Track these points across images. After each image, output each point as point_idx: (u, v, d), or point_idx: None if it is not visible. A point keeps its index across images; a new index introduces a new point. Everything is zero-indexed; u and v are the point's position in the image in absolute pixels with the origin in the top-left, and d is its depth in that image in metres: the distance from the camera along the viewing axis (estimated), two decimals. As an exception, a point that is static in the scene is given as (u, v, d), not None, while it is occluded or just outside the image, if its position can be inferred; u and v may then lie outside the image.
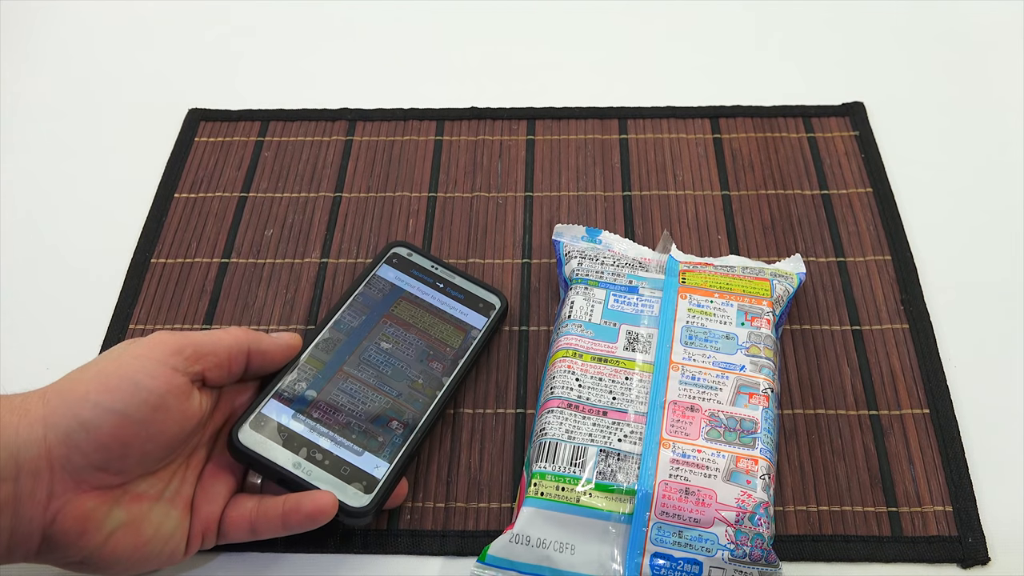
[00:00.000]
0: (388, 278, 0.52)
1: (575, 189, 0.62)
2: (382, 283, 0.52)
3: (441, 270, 0.53)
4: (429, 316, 0.51)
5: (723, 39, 0.73)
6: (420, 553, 0.47)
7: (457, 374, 0.49)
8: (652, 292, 0.52)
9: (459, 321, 0.51)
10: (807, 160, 0.63)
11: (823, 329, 0.55)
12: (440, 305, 0.52)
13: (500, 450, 0.50)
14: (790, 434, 0.51)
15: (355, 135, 0.66)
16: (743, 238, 0.59)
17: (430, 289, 0.52)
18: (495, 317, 0.52)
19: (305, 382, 0.47)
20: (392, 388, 0.48)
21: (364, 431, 0.46)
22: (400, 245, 0.54)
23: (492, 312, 0.53)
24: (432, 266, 0.53)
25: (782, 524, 0.47)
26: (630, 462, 0.45)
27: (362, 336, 0.50)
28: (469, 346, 0.51)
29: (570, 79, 0.70)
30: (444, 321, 0.51)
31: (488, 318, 0.52)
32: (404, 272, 0.53)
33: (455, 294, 0.52)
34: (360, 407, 0.47)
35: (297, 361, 0.48)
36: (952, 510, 0.48)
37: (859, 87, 0.68)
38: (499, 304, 0.53)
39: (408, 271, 0.53)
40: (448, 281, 0.53)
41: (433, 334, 0.51)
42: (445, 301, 0.52)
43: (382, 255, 0.54)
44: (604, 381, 0.48)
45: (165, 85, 0.70)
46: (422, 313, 0.51)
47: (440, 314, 0.51)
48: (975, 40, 0.71)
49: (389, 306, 0.51)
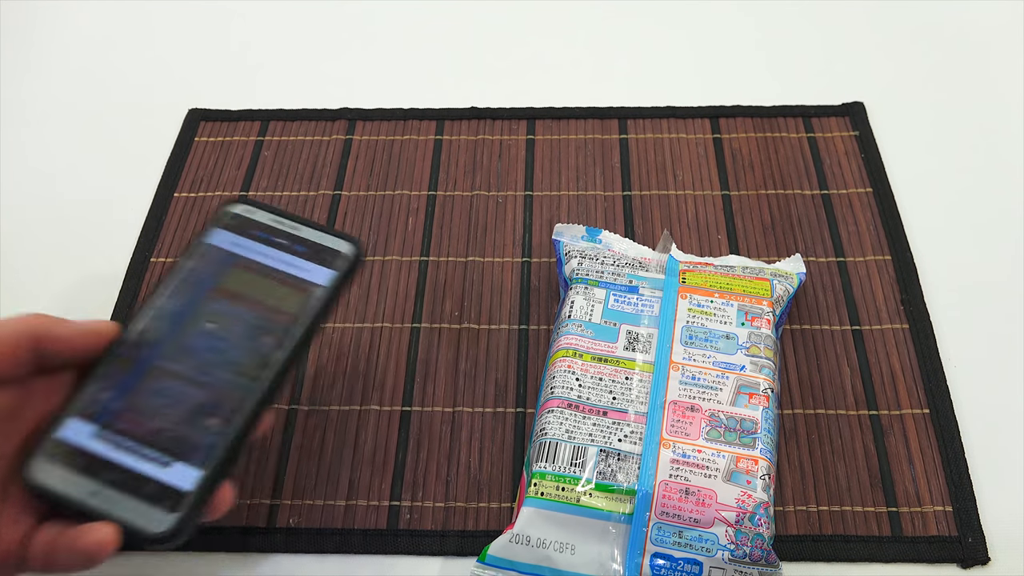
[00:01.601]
0: (221, 244, 0.44)
1: (575, 189, 0.62)
2: (213, 252, 0.44)
3: (284, 222, 0.44)
4: (265, 281, 0.43)
5: (723, 39, 0.73)
6: (420, 553, 0.47)
7: (293, 345, 0.41)
8: (652, 292, 0.52)
9: (299, 280, 0.43)
10: (807, 160, 0.63)
11: (823, 329, 0.55)
12: (278, 265, 0.43)
13: (500, 450, 0.50)
14: (790, 434, 0.51)
15: (355, 134, 0.66)
16: (743, 238, 0.59)
17: (269, 248, 0.44)
18: (344, 268, 0.43)
19: (110, 389, 0.40)
20: (213, 377, 0.40)
21: (175, 437, 0.39)
22: (240, 202, 0.45)
23: (340, 262, 0.43)
24: (274, 220, 0.45)
25: (782, 524, 0.47)
26: (630, 462, 0.45)
27: (182, 321, 0.42)
28: (311, 308, 0.42)
29: (570, 79, 0.70)
30: (282, 284, 0.43)
31: (335, 271, 0.43)
32: (241, 234, 0.44)
33: (299, 248, 0.44)
34: (173, 408, 0.40)
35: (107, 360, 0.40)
36: (952, 510, 0.48)
37: (859, 87, 0.68)
38: (350, 252, 0.44)
39: (246, 232, 0.44)
40: (290, 235, 0.44)
41: (268, 302, 0.42)
42: (285, 260, 0.43)
43: (213, 218, 0.45)
44: (604, 381, 0.48)
45: (165, 85, 0.70)
46: (257, 280, 0.43)
47: (278, 276, 0.43)
48: (975, 40, 0.71)
49: (218, 278, 0.43)
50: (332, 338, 0.55)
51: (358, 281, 0.58)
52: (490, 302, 0.56)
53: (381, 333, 0.55)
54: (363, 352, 0.54)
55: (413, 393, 0.53)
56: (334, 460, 0.50)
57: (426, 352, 0.54)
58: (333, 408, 0.52)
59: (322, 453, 0.51)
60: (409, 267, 0.58)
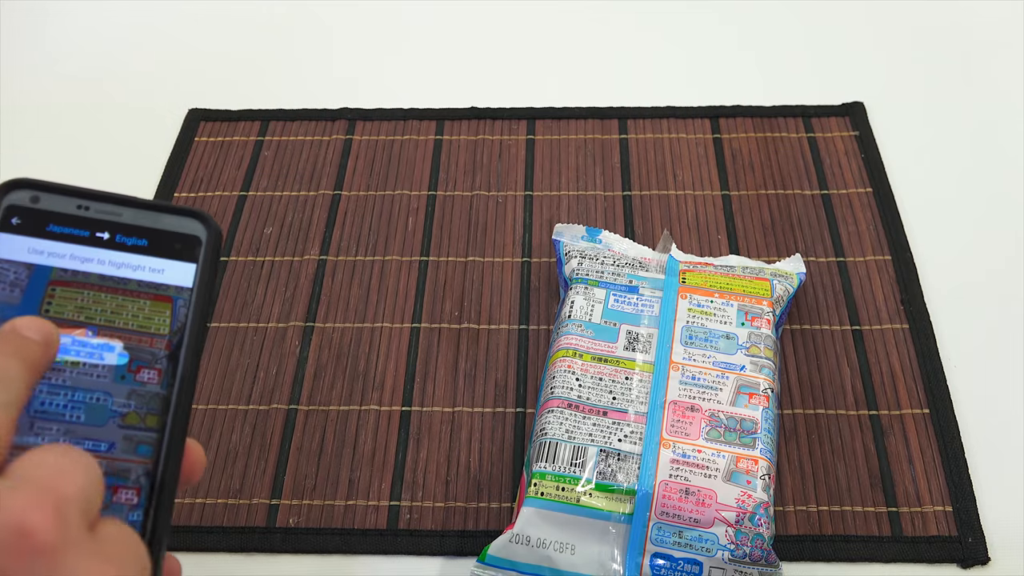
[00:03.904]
0: (16, 256, 0.30)
1: (575, 189, 0.62)
2: (10, 269, 0.30)
3: (97, 208, 0.31)
4: (107, 297, 0.31)
5: (723, 39, 0.73)
6: (420, 553, 0.47)
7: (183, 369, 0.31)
8: (652, 292, 0.52)
9: (155, 286, 0.31)
10: (807, 160, 0.63)
11: (823, 329, 0.55)
12: (117, 272, 0.31)
13: (500, 450, 0.50)
14: (790, 434, 0.50)
15: (355, 134, 0.66)
16: (743, 238, 0.59)
17: (91, 248, 0.31)
18: (205, 255, 0.32)
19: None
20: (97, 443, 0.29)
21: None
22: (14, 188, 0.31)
23: (198, 249, 0.32)
24: (81, 207, 0.31)
25: (782, 524, 0.47)
26: (630, 462, 0.45)
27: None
28: (184, 320, 0.31)
29: (570, 79, 0.70)
30: (132, 296, 0.31)
31: (195, 262, 0.32)
32: (38, 235, 0.31)
33: (133, 242, 0.32)
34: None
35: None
36: (952, 510, 0.48)
37: (859, 87, 0.68)
38: (203, 233, 0.32)
39: (43, 230, 0.31)
40: (115, 224, 0.31)
41: (123, 325, 0.31)
42: (123, 261, 0.31)
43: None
44: (604, 381, 0.48)
45: (165, 85, 0.70)
46: (95, 296, 0.31)
47: (122, 287, 0.31)
48: (975, 40, 0.71)
49: (38, 306, 0.30)
50: (332, 338, 0.55)
51: (358, 281, 0.58)
52: (490, 302, 0.56)
53: (381, 333, 0.55)
54: (363, 352, 0.54)
55: (413, 393, 0.53)
56: (334, 460, 0.50)
57: (426, 352, 0.54)
58: (333, 408, 0.52)
59: (322, 453, 0.51)
60: (409, 267, 0.58)
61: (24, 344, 0.27)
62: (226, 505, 0.49)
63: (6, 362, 0.27)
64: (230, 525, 0.48)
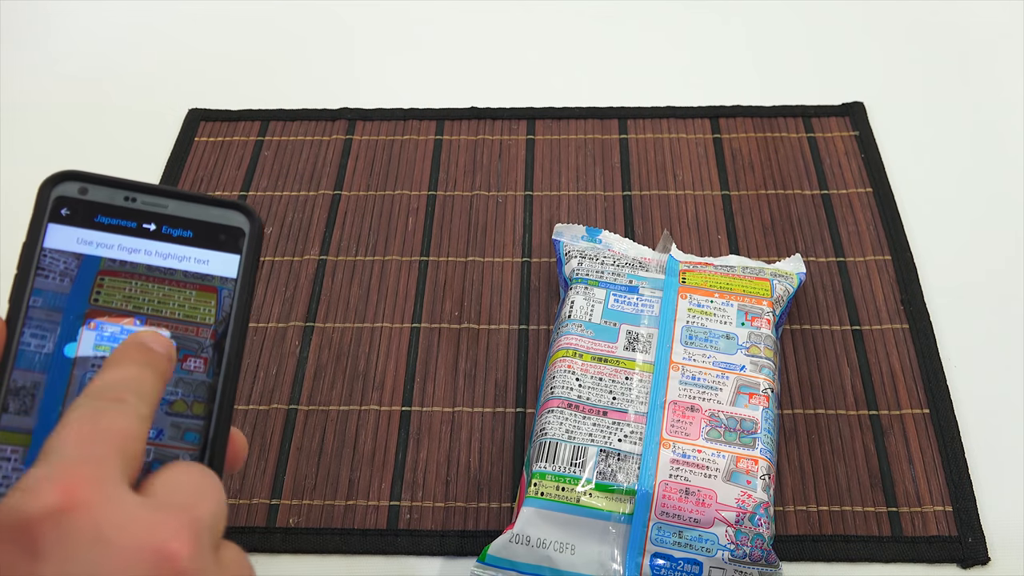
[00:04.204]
0: (66, 247, 0.31)
1: (575, 189, 0.62)
2: (60, 259, 0.31)
3: (143, 200, 0.32)
4: (154, 287, 0.32)
5: (723, 39, 0.73)
6: (420, 553, 0.47)
7: (228, 358, 0.32)
8: (652, 292, 0.52)
9: (201, 276, 0.32)
10: (807, 160, 0.63)
11: (823, 329, 0.55)
12: (164, 262, 0.32)
13: (500, 450, 0.50)
14: (790, 434, 0.50)
15: (355, 134, 0.66)
16: (743, 238, 0.59)
17: (139, 239, 0.32)
18: (248, 246, 0.33)
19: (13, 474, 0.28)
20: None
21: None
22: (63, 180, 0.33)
23: (241, 241, 0.33)
24: (128, 198, 0.32)
25: (782, 524, 0.47)
26: (630, 462, 0.45)
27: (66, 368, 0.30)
28: (228, 310, 0.32)
29: (570, 79, 0.70)
30: (178, 286, 0.32)
31: (239, 253, 0.33)
32: (87, 226, 0.32)
33: (179, 233, 0.33)
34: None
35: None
36: (952, 510, 0.48)
37: (859, 87, 0.68)
38: (246, 225, 0.33)
39: (92, 221, 0.32)
40: (161, 215, 0.32)
41: (170, 314, 0.32)
42: (169, 252, 0.32)
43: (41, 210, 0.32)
44: (604, 381, 0.48)
45: (165, 85, 0.70)
46: (142, 286, 0.32)
47: (169, 277, 0.32)
48: (975, 40, 0.71)
49: (87, 295, 0.31)
50: (332, 338, 0.55)
51: (358, 281, 0.58)
52: (490, 302, 0.56)
53: (381, 333, 0.55)
54: (363, 352, 0.54)
55: (413, 393, 0.53)
56: (334, 460, 0.50)
57: (426, 352, 0.54)
58: (333, 408, 0.52)
59: (322, 453, 0.51)
60: (409, 267, 0.58)
61: (155, 357, 0.28)
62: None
63: (142, 373, 0.28)
64: (230, 525, 0.48)
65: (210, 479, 0.27)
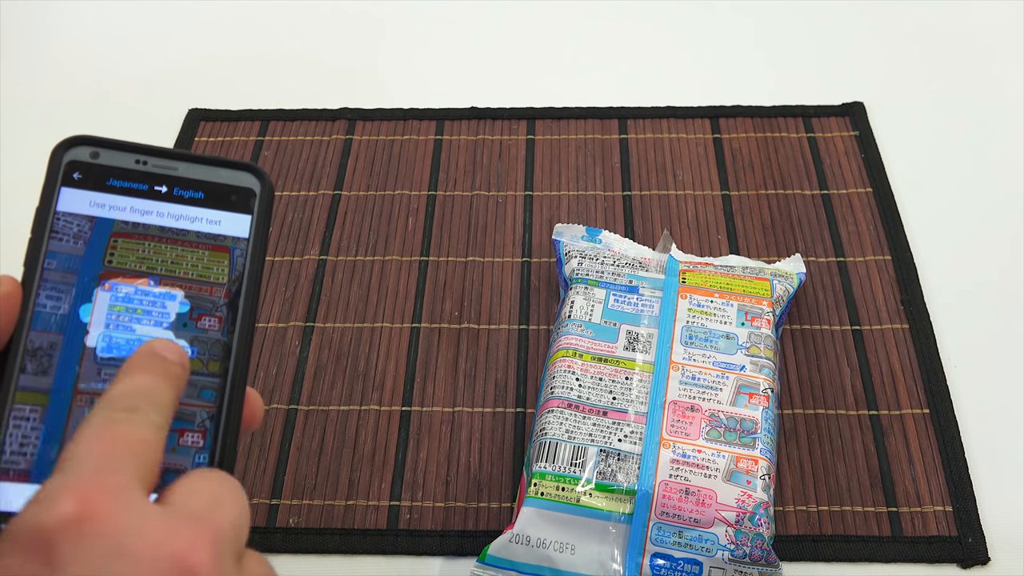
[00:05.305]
0: (79, 210, 0.32)
1: (575, 189, 0.62)
2: (74, 222, 0.32)
3: (154, 163, 0.33)
4: (167, 248, 0.33)
5: (723, 39, 0.73)
6: (420, 553, 0.47)
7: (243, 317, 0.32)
8: (652, 292, 0.52)
9: (213, 237, 0.33)
10: (807, 160, 0.63)
11: (823, 329, 0.55)
12: (176, 223, 0.33)
13: (500, 450, 0.50)
14: (790, 434, 0.50)
15: (355, 134, 0.66)
16: (743, 238, 0.59)
17: (150, 201, 0.33)
18: (260, 206, 0.34)
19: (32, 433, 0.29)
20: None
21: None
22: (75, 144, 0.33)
23: (252, 201, 0.34)
24: (139, 161, 0.33)
25: (782, 524, 0.47)
26: (630, 462, 0.45)
27: (82, 329, 0.31)
28: (241, 269, 0.33)
29: (570, 79, 0.70)
30: (191, 247, 0.33)
31: (250, 213, 0.34)
32: (100, 189, 0.33)
33: (191, 195, 0.33)
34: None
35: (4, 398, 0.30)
36: (952, 510, 0.48)
37: (859, 87, 0.68)
38: (257, 185, 0.34)
39: (104, 184, 0.33)
40: (172, 177, 0.33)
41: (183, 275, 0.33)
42: (181, 213, 0.33)
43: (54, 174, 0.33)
44: (604, 381, 0.48)
45: (165, 85, 0.70)
46: (155, 247, 0.33)
47: (181, 238, 0.33)
48: (976, 39, 0.71)
49: (101, 257, 0.32)
50: (332, 338, 0.55)
51: (358, 281, 0.58)
52: (490, 302, 0.56)
53: (381, 333, 0.55)
54: (363, 352, 0.54)
55: (413, 393, 0.53)
56: (334, 460, 0.50)
57: (426, 352, 0.54)
58: (333, 408, 0.52)
59: (322, 453, 0.51)
60: (409, 267, 0.58)
61: (168, 366, 0.28)
62: (226, 505, 0.49)
63: (157, 383, 0.28)
64: (230, 525, 0.48)
65: (230, 486, 0.27)
